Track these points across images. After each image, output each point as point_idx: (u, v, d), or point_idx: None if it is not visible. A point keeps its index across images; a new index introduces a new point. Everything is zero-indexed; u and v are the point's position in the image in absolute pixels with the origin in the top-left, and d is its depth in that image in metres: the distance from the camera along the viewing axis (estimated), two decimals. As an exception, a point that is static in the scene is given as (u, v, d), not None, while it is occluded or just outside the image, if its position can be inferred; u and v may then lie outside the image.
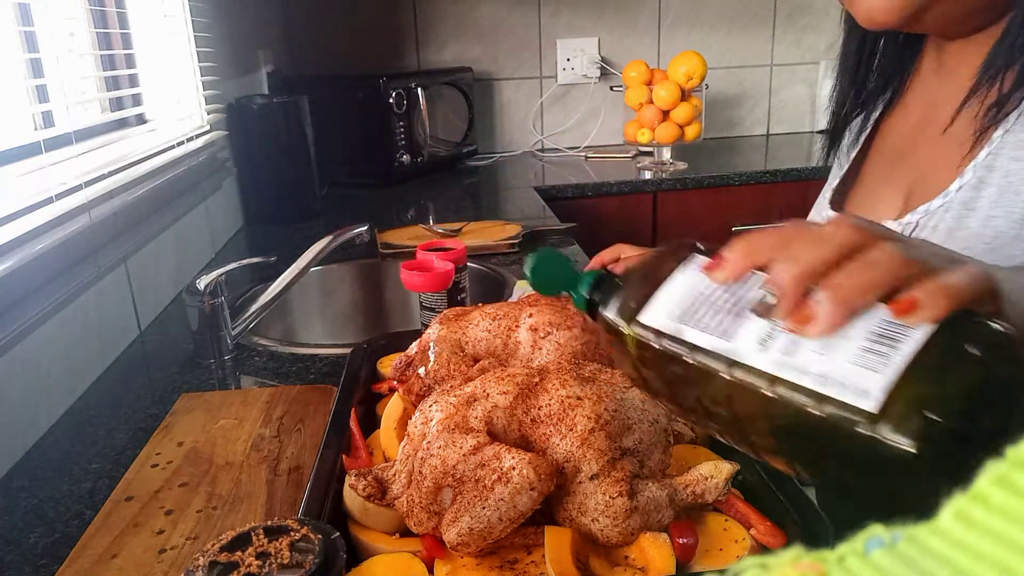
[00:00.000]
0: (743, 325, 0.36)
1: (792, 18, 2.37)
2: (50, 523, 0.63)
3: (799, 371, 0.34)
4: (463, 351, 0.64)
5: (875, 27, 0.60)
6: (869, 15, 0.59)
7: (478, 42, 2.27)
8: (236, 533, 0.40)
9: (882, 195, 0.72)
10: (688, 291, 0.39)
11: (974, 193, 0.61)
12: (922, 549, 0.15)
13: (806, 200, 0.90)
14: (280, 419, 0.76)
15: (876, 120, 0.78)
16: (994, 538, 0.14)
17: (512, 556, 0.47)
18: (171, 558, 0.56)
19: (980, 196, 0.60)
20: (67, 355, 0.83)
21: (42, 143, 0.85)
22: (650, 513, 0.48)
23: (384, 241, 1.37)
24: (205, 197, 1.37)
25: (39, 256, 0.79)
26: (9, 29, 0.88)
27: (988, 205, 0.59)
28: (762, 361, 0.35)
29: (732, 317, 0.36)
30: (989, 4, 0.60)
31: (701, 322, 0.37)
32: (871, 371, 0.32)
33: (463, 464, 0.47)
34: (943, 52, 0.68)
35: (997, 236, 0.59)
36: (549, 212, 1.64)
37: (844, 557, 0.16)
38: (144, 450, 0.72)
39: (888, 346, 0.32)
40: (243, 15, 1.75)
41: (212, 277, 0.91)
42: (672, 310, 0.39)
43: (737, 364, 0.35)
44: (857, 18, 0.61)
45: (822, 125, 2.41)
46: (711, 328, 0.37)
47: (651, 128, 2.04)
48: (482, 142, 2.31)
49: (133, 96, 1.27)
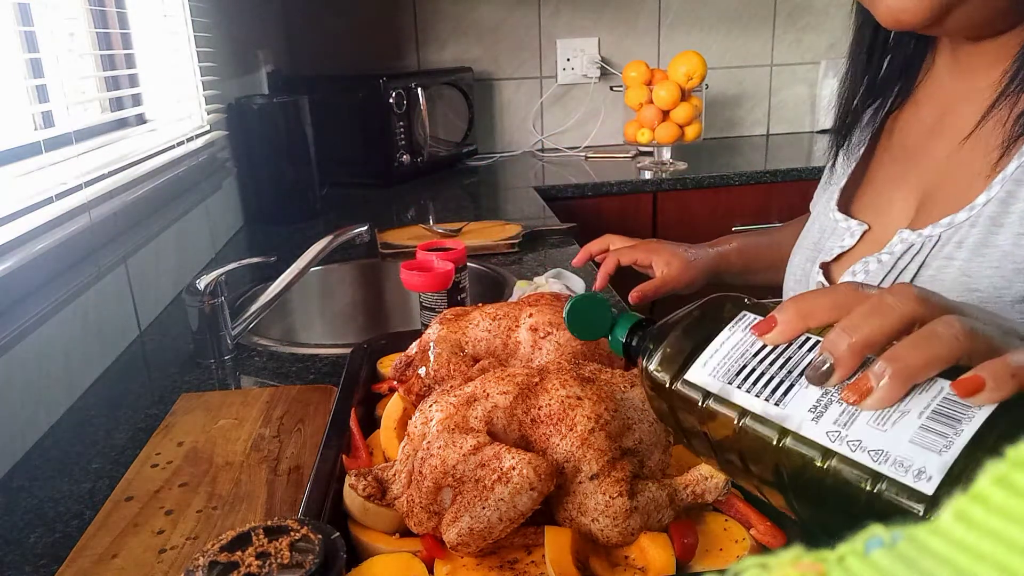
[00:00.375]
0: (796, 392, 0.35)
1: (792, 18, 2.37)
2: (50, 523, 0.63)
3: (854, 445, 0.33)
4: (463, 351, 0.64)
5: (899, 27, 0.59)
6: (894, 15, 0.58)
7: (478, 42, 2.27)
8: (236, 533, 0.40)
9: (893, 198, 0.70)
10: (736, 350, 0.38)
11: (1002, 208, 0.58)
12: (922, 549, 0.15)
13: (806, 200, 0.89)
14: (280, 419, 0.76)
15: (884, 117, 0.75)
16: (994, 538, 0.14)
17: (512, 556, 0.47)
18: (171, 558, 0.56)
19: (1009, 212, 0.57)
20: (67, 355, 0.83)
21: (42, 143, 0.85)
22: (650, 513, 0.48)
23: (384, 241, 1.37)
24: (205, 197, 1.37)
25: (39, 256, 0.79)
26: (9, 29, 0.88)
27: (1018, 221, 0.57)
28: (815, 432, 0.34)
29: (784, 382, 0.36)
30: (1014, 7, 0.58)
31: (751, 384, 0.37)
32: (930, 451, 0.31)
33: (463, 464, 0.47)
34: (958, 50, 0.66)
35: None
36: (549, 212, 1.64)
37: (844, 557, 0.16)
38: (144, 450, 0.72)
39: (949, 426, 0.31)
40: (243, 15, 1.75)
41: (212, 277, 0.91)
42: (719, 369, 0.38)
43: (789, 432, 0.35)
44: (879, 18, 0.59)
45: (822, 125, 2.42)
46: (762, 392, 0.36)
47: (651, 128, 2.04)
48: (482, 142, 2.31)
49: (133, 96, 1.27)
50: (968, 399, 0.31)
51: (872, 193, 0.73)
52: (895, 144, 0.73)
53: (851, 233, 0.71)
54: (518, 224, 1.44)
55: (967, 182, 0.62)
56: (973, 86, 0.64)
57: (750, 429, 0.36)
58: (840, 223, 0.73)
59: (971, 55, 0.64)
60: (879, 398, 0.33)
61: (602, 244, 1.06)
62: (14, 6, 0.89)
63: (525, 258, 1.30)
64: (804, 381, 0.35)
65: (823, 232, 0.76)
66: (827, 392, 0.35)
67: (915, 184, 0.68)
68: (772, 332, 0.37)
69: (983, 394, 0.31)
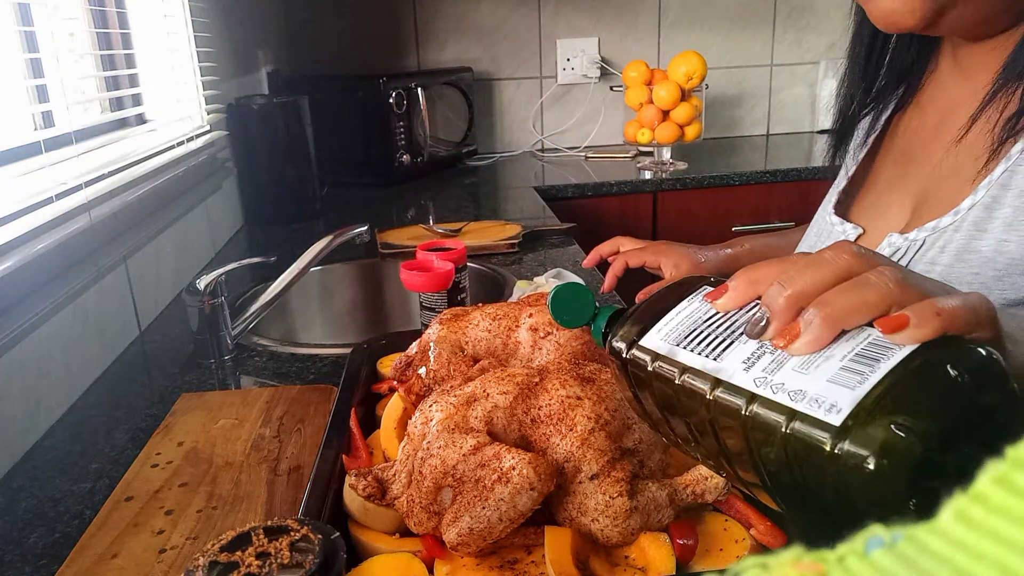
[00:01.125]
0: (735, 347, 0.36)
1: (792, 18, 2.37)
2: (50, 523, 0.63)
3: (776, 388, 0.33)
4: (463, 351, 0.64)
5: (893, 30, 0.59)
6: (887, 17, 0.57)
7: (478, 42, 2.27)
8: (236, 533, 0.40)
9: (891, 201, 0.69)
10: (690, 317, 0.39)
11: (986, 213, 0.57)
12: (922, 549, 0.15)
13: (806, 200, 0.89)
14: (280, 419, 0.76)
15: (887, 119, 0.74)
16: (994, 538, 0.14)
17: (512, 556, 0.47)
18: (171, 558, 0.56)
19: (993, 217, 0.57)
20: (67, 355, 0.83)
21: (42, 143, 0.85)
22: (650, 513, 0.48)
23: (384, 241, 1.37)
24: (205, 197, 1.37)
25: (39, 256, 0.79)
26: (9, 29, 0.88)
27: (1001, 227, 0.56)
28: (744, 379, 0.34)
29: (725, 341, 0.36)
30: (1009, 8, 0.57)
31: (696, 344, 0.37)
32: (845, 387, 0.31)
33: (463, 464, 0.47)
34: (959, 51, 0.65)
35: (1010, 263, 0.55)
36: (549, 212, 1.64)
37: (844, 557, 0.16)
38: (144, 450, 0.72)
39: (868, 365, 0.31)
40: (243, 15, 1.75)
41: (212, 277, 0.91)
42: (671, 334, 0.39)
43: (720, 383, 0.35)
44: (873, 19, 0.59)
45: (822, 125, 2.42)
46: (703, 350, 0.37)
47: (651, 128, 2.04)
48: (482, 142, 2.31)
49: (133, 96, 1.27)
50: (891, 336, 0.32)
51: (872, 196, 0.73)
52: (896, 147, 0.72)
53: (845, 237, 0.71)
54: (518, 224, 1.44)
55: (957, 186, 0.61)
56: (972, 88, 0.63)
57: (688, 385, 0.36)
58: (836, 227, 0.73)
59: (970, 56, 0.64)
60: (806, 342, 0.33)
61: (612, 246, 1.06)
62: (14, 6, 0.89)
63: (525, 258, 1.30)
64: (744, 338, 0.36)
65: (819, 236, 0.75)
66: (762, 345, 0.35)
67: (912, 188, 0.67)
68: (723, 298, 0.38)
69: (906, 331, 0.31)
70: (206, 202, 1.37)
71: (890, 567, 0.15)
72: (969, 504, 0.15)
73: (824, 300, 0.33)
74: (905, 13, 0.56)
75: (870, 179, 0.74)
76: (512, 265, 1.26)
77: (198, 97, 1.40)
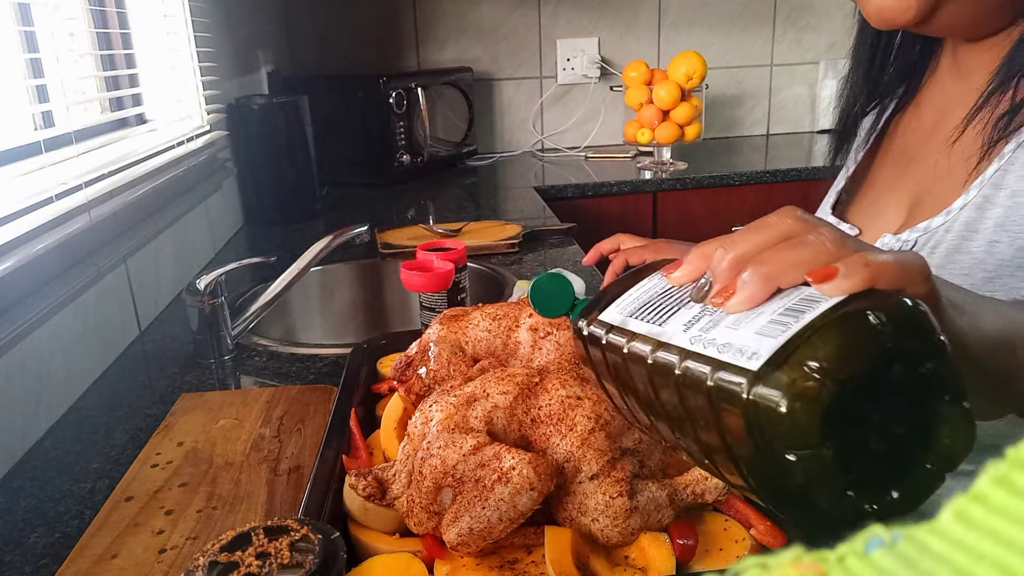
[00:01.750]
0: (679, 312, 0.36)
1: (792, 18, 2.37)
2: (50, 523, 0.63)
3: (708, 343, 0.33)
4: (463, 351, 0.64)
5: (886, 26, 0.58)
6: (880, 13, 0.57)
7: (478, 42, 2.27)
8: (236, 533, 0.40)
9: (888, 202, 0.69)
10: (647, 293, 0.39)
11: (978, 213, 0.57)
12: (922, 549, 0.15)
13: (806, 200, 0.89)
14: (280, 419, 0.76)
15: (888, 119, 0.74)
16: (994, 538, 0.14)
17: (512, 556, 0.47)
18: (171, 558, 0.56)
19: (984, 217, 0.56)
20: (67, 355, 0.83)
21: (42, 143, 0.85)
22: (650, 513, 0.48)
23: (384, 241, 1.37)
24: (205, 197, 1.37)
25: (39, 256, 0.79)
26: (9, 29, 0.88)
27: (992, 228, 0.56)
28: (682, 339, 0.34)
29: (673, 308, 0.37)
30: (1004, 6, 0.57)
31: (646, 314, 0.38)
32: (768, 337, 0.31)
33: (463, 464, 0.47)
34: (959, 51, 0.64)
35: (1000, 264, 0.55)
36: (549, 212, 1.64)
37: (844, 557, 0.16)
38: (144, 450, 0.72)
39: (794, 316, 0.31)
40: (243, 15, 1.75)
41: (212, 277, 0.91)
42: (627, 308, 0.39)
43: (661, 344, 0.35)
44: (867, 16, 0.59)
45: (822, 125, 2.42)
46: (651, 317, 0.37)
47: (651, 128, 2.04)
48: (482, 142, 2.31)
49: (133, 96, 1.27)
50: (820, 286, 0.32)
51: (870, 197, 0.72)
52: (896, 147, 0.72)
53: None
54: (518, 224, 1.44)
55: (951, 187, 0.61)
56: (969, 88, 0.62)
57: (633, 350, 0.37)
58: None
59: (969, 56, 0.63)
60: (741, 299, 0.33)
61: (613, 243, 1.06)
62: (14, 6, 0.89)
63: (525, 258, 1.30)
64: (691, 303, 0.36)
65: None
66: (704, 307, 0.35)
67: (909, 188, 0.67)
68: (677, 271, 0.38)
69: (834, 281, 0.31)
70: (206, 202, 1.37)
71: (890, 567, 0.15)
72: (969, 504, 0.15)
73: (760, 259, 0.34)
74: (898, 9, 0.56)
75: (869, 179, 0.74)
76: (512, 265, 1.26)
77: (198, 97, 1.40)
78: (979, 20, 0.59)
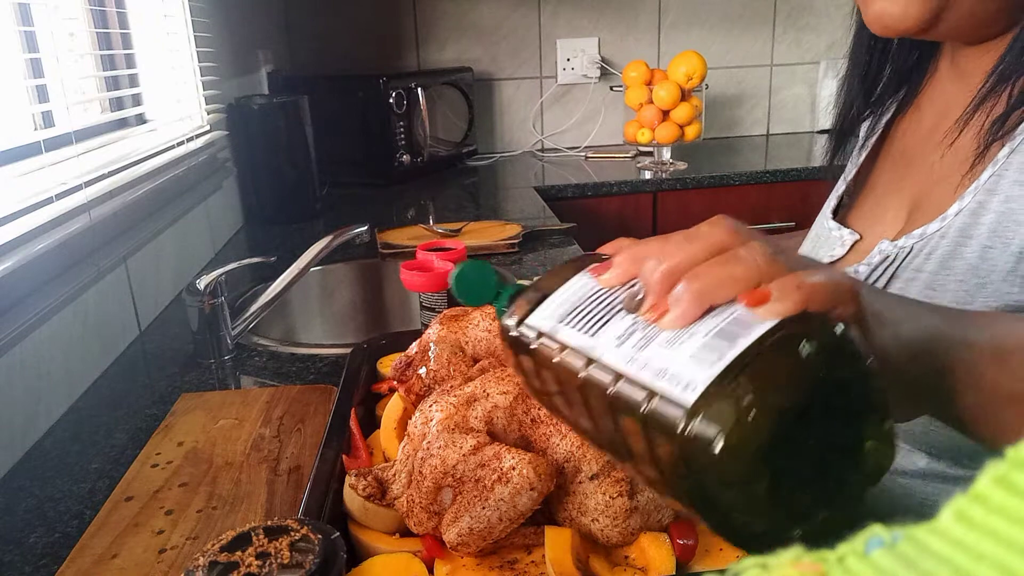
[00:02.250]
0: (611, 323, 0.35)
1: (792, 18, 2.37)
2: (50, 523, 0.63)
3: (641, 365, 0.32)
4: (463, 351, 0.64)
5: (886, 33, 0.58)
6: (880, 20, 0.56)
7: (478, 42, 2.27)
8: (236, 533, 0.40)
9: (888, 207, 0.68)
10: (576, 294, 0.38)
11: (972, 219, 0.56)
12: (922, 549, 0.15)
13: (806, 200, 0.89)
14: (280, 419, 0.76)
15: (888, 122, 0.73)
16: (994, 538, 0.14)
17: (512, 556, 0.47)
18: (171, 558, 0.56)
19: (978, 223, 0.55)
20: (67, 355, 0.83)
21: (42, 143, 0.85)
22: (650, 513, 0.48)
23: (384, 241, 1.37)
24: (205, 197, 1.37)
25: (39, 256, 0.79)
26: (9, 29, 0.88)
27: (985, 233, 0.55)
28: (614, 357, 0.33)
29: (604, 317, 0.36)
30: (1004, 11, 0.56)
31: (576, 321, 0.37)
32: (703, 364, 0.30)
33: (463, 464, 0.47)
34: (958, 53, 0.64)
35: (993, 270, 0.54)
36: (549, 212, 1.64)
37: (844, 557, 0.16)
38: (144, 450, 0.72)
39: (728, 341, 0.31)
40: (243, 15, 1.75)
41: (212, 277, 0.91)
42: (556, 311, 0.38)
43: (592, 361, 0.34)
44: (867, 22, 0.58)
45: (822, 125, 2.42)
46: (582, 326, 0.36)
47: (651, 128, 2.04)
48: (482, 142, 2.31)
49: (133, 96, 1.27)
50: (754, 310, 0.31)
51: (870, 201, 0.71)
52: (896, 150, 0.71)
53: (842, 243, 0.70)
54: (518, 224, 1.44)
55: (945, 192, 0.60)
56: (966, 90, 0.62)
57: (565, 363, 0.36)
58: (833, 232, 0.71)
59: (967, 58, 0.63)
60: (674, 317, 0.33)
61: (614, 248, 1.05)
62: (14, 6, 0.89)
63: (525, 258, 1.30)
64: (623, 313, 0.35)
65: (817, 241, 0.74)
66: (636, 320, 0.34)
67: (908, 191, 0.66)
68: (607, 273, 0.38)
69: (768, 305, 0.31)
70: (206, 202, 1.37)
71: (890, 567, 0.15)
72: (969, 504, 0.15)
73: (693, 274, 0.33)
74: (898, 17, 0.55)
75: (869, 183, 0.73)
76: (512, 265, 1.26)
77: (198, 97, 1.40)
78: (979, 26, 0.58)
